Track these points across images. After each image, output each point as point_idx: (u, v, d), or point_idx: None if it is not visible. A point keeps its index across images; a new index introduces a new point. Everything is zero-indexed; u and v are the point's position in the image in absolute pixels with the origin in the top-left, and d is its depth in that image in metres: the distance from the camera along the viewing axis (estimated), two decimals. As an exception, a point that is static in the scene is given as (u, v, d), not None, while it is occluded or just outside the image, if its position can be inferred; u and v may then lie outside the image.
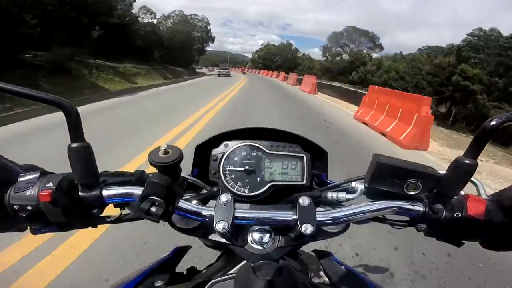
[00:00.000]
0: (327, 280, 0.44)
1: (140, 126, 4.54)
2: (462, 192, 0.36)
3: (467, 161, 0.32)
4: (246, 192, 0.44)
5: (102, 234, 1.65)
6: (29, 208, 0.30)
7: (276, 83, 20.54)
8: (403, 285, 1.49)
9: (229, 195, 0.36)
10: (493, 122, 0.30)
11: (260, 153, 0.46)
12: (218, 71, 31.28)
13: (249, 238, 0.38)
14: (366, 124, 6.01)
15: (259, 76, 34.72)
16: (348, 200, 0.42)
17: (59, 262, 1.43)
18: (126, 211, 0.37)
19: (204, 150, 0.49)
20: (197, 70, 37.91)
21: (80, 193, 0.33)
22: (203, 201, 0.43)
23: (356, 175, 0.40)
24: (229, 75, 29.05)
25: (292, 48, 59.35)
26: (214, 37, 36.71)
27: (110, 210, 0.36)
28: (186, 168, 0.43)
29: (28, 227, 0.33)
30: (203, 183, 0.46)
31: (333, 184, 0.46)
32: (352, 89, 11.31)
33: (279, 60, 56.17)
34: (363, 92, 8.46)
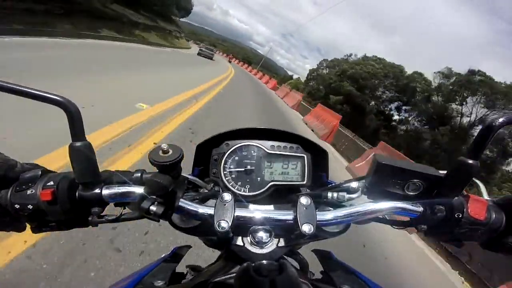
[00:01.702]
0: (327, 279, 0.43)
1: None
2: (463, 193, 0.36)
3: (468, 162, 0.32)
4: (247, 191, 0.44)
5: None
6: (30, 207, 0.30)
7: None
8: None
9: (230, 195, 0.36)
10: (494, 123, 0.30)
11: (260, 153, 0.46)
12: (199, 49, 24.54)
13: (250, 237, 0.38)
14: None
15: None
16: (348, 200, 0.42)
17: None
18: (127, 210, 0.37)
19: (205, 150, 0.49)
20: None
21: (80, 192, 0.33)
22: (204, 201, 0.43)
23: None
24: (211, 58, 23.52)
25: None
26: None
27: (111, 209, 0.36)
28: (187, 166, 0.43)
29: (28, 226, 0.33)
30: (204, 182, 0.46)
31: (333, 184, 0.46)
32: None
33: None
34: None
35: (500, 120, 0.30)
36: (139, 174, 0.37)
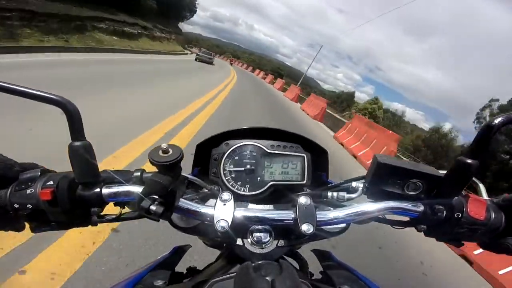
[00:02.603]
0: (326, 279, 0.44)
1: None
2: (463, 193, 0.36)
3: (468, 161, 0.32)
4: (246, 191, 0.44)
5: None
6: (29, 206, 0.30)
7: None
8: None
9: (230, 194, 0.36)
10: (494, 123, 0.30)
11: (260, 153, 0.46)
12: (196, 55, 22.66)
13: (249, 237, 0.38)
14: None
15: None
16: (348, 199, 0.42)
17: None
18: (126, 209, 0.37)
19: (204, 149, 0.49)
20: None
21: (80, 192, 0.32)
22: (203, 200, 0.43)
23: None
24: (210, 63, 21.72)
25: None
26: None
27: (110, 209, 0.36)
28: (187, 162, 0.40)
29: (28, 226, 0.33)
30: (204, 182, 0.46)
31: (333, 184, 0.46)
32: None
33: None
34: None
35: (500, 119, 0.30)
36: (139, 174, 0.37)
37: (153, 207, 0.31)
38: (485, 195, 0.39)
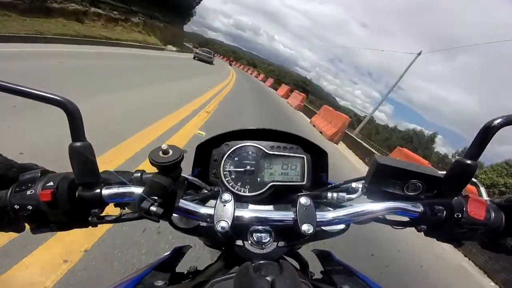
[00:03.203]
0: (327, 279, 0.44)
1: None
2: (463, 193, 0.36)
3: (467, 162, 0.32)
4: (246, 192, 0.44)
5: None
6: (30, 207, 0.30)
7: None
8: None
9: (230, 195, 0.36)
10: (493, 124, 0.30)
11: (260, 154, 0.46)
12: (195, 53, 21.39)
13: (249, 238, 0.38)
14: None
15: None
16: (348, 200, 0.42)
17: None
18: (126, 210, 0.37)
19: (204, 150, 0.49)
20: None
21: (80, 193, 0.32)
22: (203, 201, 0.43)
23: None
24: (209, 63, 20.45)
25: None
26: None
27: (111, 210, 0.36)
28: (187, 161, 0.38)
29: (28, 227, 0.33)
30: (204, 183, 0.46)
31: (333, 184, 0.46)
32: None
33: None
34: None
35: (499, 121, 0.30)
36: (139, 175, 0.37)
37: (153, 208, 0.31)
38: (485, 196, 0.39)
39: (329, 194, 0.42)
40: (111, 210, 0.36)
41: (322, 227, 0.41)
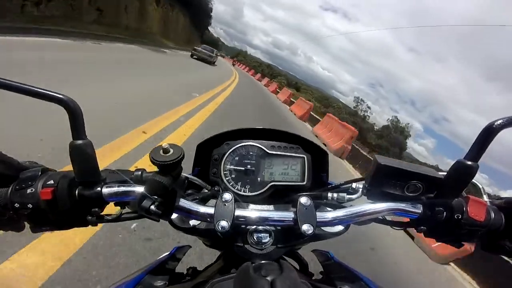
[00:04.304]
0: (327, 280, 0.44)
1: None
2: (463, 194, 0.36)
3: (468, 163, 0.32)
4: (247, 192, 0.44)
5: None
6: (30, 206, 0.30)
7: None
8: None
9: (230, 195, 0.36)
10: (494, 125, 0.30)
11: (261, 153, 0.46)
12: (194, 50, 17.93)
13: (249, 237, 0.38)
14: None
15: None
16: (348, 200, 0.42)
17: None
18: (127, 209, 0.37)
19: (205, 150, 0.49)
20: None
21: (80, 191, 0.32)
22: (204, 201, 0.43)
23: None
24: (210, 63, 17.42)
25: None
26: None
27: (111, 209, 0.36)
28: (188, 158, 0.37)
29: (28, 225, 0.33)
30: (204, 182, 0.46)
31: (333, 184, 0.46)
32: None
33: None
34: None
35: (500, 122, 0.30)
36: (139, 173, 0.37)
37: (153, 207, 0.31)
38: (485, 197, 0.39)
39: (329, 195, 0.42)
40: (111, 209, 0.36)
41: (322, 228, 0.41)
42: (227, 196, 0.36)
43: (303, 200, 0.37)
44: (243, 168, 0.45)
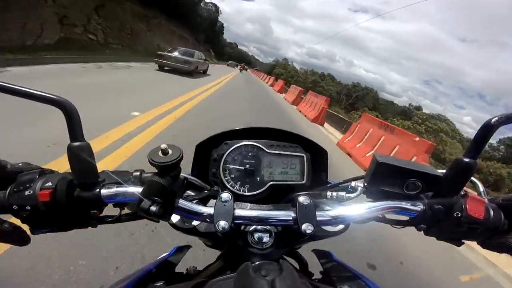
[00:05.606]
0: (327, 279, 0.44)
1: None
2: (462, 192, 0.36)
3: (466, 161, 0.33)
4: (246, 191, 0.44)
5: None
6: (28, 208, 0.30)
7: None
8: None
9: (229, 195, 0.36)
10: (492, 122, 0.30)
11: (260, 153, 0.46)
12: (157, 56, 9.83)
13: (249, 237, 0.38)
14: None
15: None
16: (348, 199, 0.42)
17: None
18: (126, 210, 0.37)
19: (204, 150, 0.49)
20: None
21: (79, 193, 0.32)
22: (203, 201, 0.43)
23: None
24: (188, 72, 9.80)
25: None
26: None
27: (110, 210, 0.36)
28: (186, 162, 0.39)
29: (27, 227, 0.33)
30: (203, 182, 0.46)
31: (333, 183, 0.46)
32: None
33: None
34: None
35: (498, 119, 0.30)
36: (138, 174, 0.37)
37: (152, 208, 0.31)
38: (484, 195, 0.40)
39: (329, 193, 0.42)
40: (110, 210, 0.36)
41: (322, 227, 0.41)
42: (227, 196, 0.36)
43: (303, 199, 0.37)
44: (242, 168, 0.45)
